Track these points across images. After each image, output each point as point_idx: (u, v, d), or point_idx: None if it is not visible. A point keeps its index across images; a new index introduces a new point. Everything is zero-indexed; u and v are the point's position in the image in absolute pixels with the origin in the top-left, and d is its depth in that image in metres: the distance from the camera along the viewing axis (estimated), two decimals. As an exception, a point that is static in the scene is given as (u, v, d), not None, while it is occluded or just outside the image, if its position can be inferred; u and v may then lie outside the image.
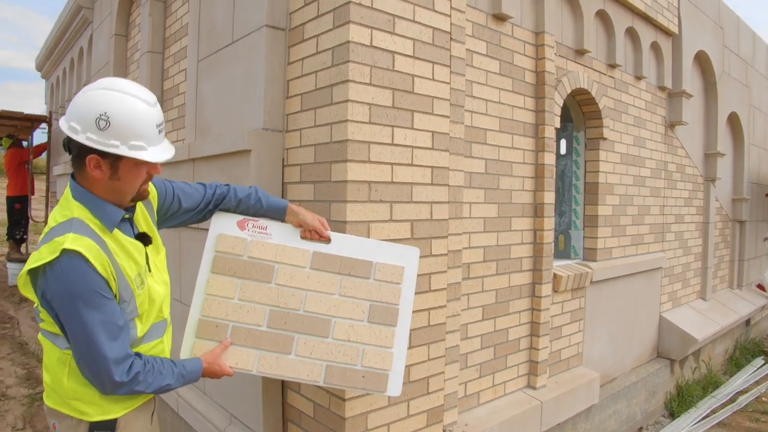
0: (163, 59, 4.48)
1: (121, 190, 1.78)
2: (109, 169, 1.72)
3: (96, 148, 1.66)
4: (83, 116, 1.66)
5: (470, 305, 3.12)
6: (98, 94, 1.69)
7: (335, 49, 2.47)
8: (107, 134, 1.65)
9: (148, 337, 1.90)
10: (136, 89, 1.73)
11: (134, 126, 1.68)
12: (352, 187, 2.41)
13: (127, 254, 1.80)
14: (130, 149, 1.68)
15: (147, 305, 1.87)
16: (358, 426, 2.47)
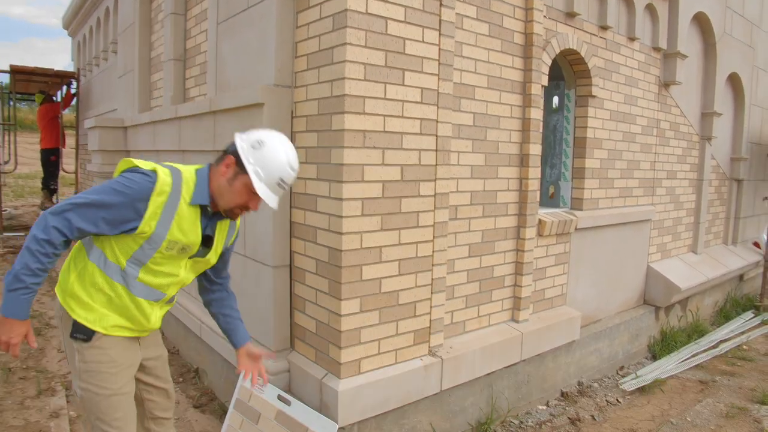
0: (185, 20, 4.85)
1: (224, 196, 2.13)
2: (232, 174, 2.10)
3: (239, 155, 2.09)
4: (252, 135, 2.14)
5: (457, 243, 3.53)
6: (273, 134, 2.17)
7: (335, 16, 2.84)
8: (252, 152, 2.09)
9: (138, 288, 2.14)
10: (292, 153, 2.17)
11: (269, 163, 2.09)
12: (348, 135, 2.81)
13: (187, 225, 2.10)
14: (253, 173, 2.07)
15: (159, 266, 2.13)
16: (353, 339, 2.93)
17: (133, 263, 2.09)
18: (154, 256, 2.09)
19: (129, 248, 2.07)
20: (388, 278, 3.06)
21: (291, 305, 3.35)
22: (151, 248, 2.07)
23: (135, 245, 2.06)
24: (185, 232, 2.10)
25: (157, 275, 2.15)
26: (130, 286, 2.12)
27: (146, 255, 2.08)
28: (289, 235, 3.32)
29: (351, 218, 2.87)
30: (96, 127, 5.98)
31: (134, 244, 2.05)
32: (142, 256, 2.08)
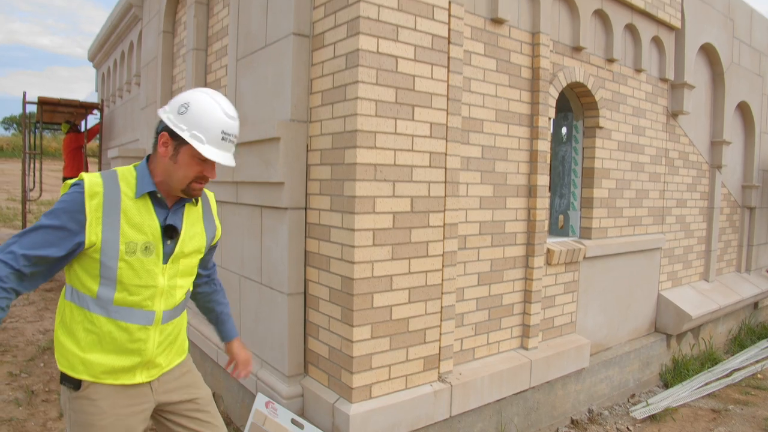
0: (206, 56, 5.06)
1: (174, 175, 1.97)
2: (173, 150, 1.95)
3: (168, 126, 1.93)
4: (175, 102, 1.98)
5: (466, 272, 3.62)
6: (194, 91, 2.01)
7: (348, 55, 2.99)
8: (181, 119, 1.92)
9: (120, 313, 1.97)
10: (223, 100, 2.01)
11: (203, 120, 1.92)
12: (360, 169, 2.94)
13: (137, 220, 1.94)
14: (191, 137, 1.91)
15: (130, 278, 1.95)
16: (364, 364, 3.02)
17: (104, 285, 1.93)
18: (119, 266, 1.92)
19: (92, 270, 1.92)
20: (399, 306, 3.17)
21: (305, 331, 3.46)
22: (110, 259, 1.90)
23: (95, 264, 1.91)
24: (139, 227, 1.94)
25: (133, 291, 1.96)
26: (111, 312, 1.95)
27: (110, 269, 1.91)
28: (304, 264, 3.45)
29: (363, 248, 2.99)
30: (119, 157, 6.19)
31: (94, 263, 1.91)
32: (107, 272, 1.92)
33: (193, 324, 4.83)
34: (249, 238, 3.88)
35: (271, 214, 3.56)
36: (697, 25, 5.80)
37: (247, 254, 3.91)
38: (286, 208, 3.37)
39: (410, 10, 3.12)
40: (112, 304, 1.95)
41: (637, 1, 4.87)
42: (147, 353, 2.02)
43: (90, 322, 1.95)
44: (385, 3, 3.01)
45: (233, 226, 4.10)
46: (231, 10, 4.24)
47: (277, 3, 3.52)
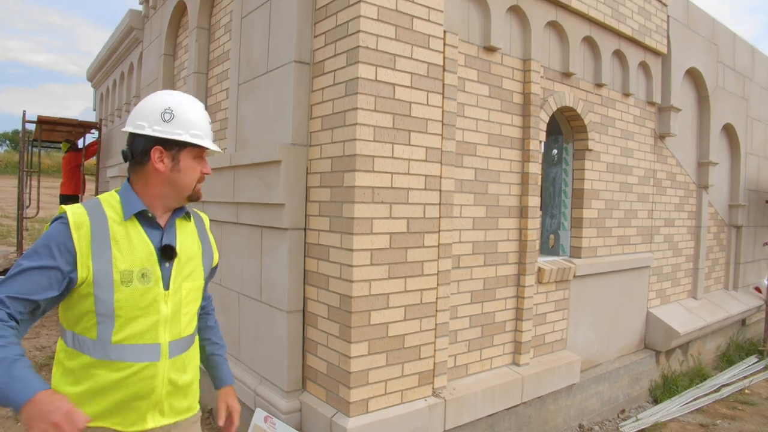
0: (207, 79, 5.20)
1: (181, 184, 1.89)
2: (171, 161, 1.86)
3: (162, 138, 1.83)
4: (149, 114, 1.86)
5: (460, 290, 3.75)
6: (161, 95, 1.92)
7: (348, 83, 3.14)
8: (172, 125, 1.85)
9: (123, 352, 1.79)
10: (190, 96, 1.97)
11: (194, 118, 1.89)
12: (359, 191, 3.08)
13: (129, 245, 1.80)
14: (192, 137, 1.86)
15: (129, 311, 1.79)
16: (361, 379, 3.13)
17: (102, 324, 1.76)
18: (116, 299, 1.75)
19: (87, 308, 1.75)
20: (395, 323, 3.28)
21: (303, 348, 3.56)
22: (105, 291, 1.74)
23: (89, 300, 1.75)
24: (132, 251, 1.80)
25: (134, 325, 1.80)
26: (111, 353, 1.77)
27: (106, 304, 1.75)
28: (303, 283, 3.56)
29: (361, 267, 3.12)
30: (119, 176, 6.30)
31: (87, 299, 1.75)
32: (103, 307, 1.75)
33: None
34: (249, 257, 4.00)
35: (271, 234, 3.68)
36: (682, 50, 6.01)
37: (247, 273, 4.02)
38: (286, 229, 3.49)
39: (407, 39, 3.28)
40: (112, 344, 1.77)
41: (624, 29, 5.06)
42: (156, 393, 1.86)
43: (92, 367, 1.77)
44: (383, 33, 3.17)
45: (233, 245, 4.22)
46: (233, 36, 4.39)
47: (279, 32, 3.67)
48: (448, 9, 3.58)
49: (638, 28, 5.27)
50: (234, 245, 4.22)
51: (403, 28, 3.26)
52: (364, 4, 3.09)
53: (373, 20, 3.12)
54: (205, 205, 4.65)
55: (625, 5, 5.10)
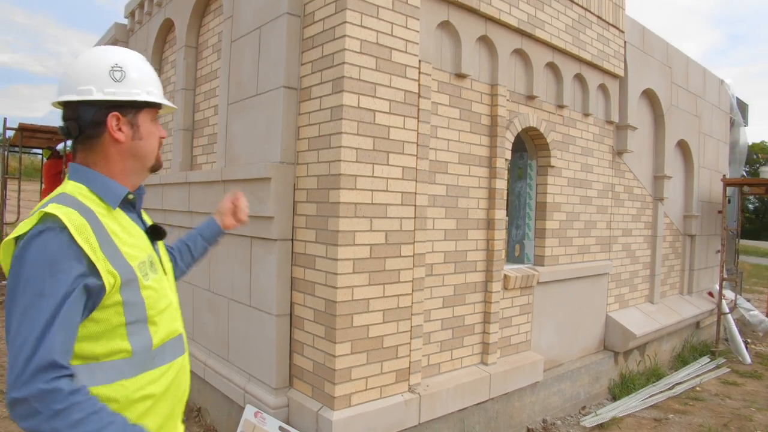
0: (194, 95, 5.50)
1: (144, 152, 1.66)
2: (131, 128, 1.61)
3: (118, 101, 1.57)
4: (93, 74, 1.57)
5: (432, 296, 4.12)
6: (100, 51, 1.64)
7: (333, 109, 3.49)
8: (126, 84, 1.59)
9: (164, 354, 1.62)
10: (130, 50, 1.70)
11: (147, 73, 1.66)
12: (343, 207, 3.42)
13: (128, 236, 1.58)
14: (149, 95, 1.62)
15: (157, 306, 1.60)
16: (345, 376, 3.48)
17: (135, 333, 1.52)
18: (145, 297, 1.55)
19: (114, 321, 1.49)
20: (375, 325, 3.63)
21: (291, 348, 3.89)
22: (133, 293, 1.52)
23: (117, 309, 1.49)
24: (133, 240, 1.59)
25: (163, 320, 1.62)
26: (155, 360, 1.59)
27: (137, 306, 1.53)
28: (290, 289, 3.89)
29: (344, 275, 3.46)
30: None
31: (114, 309, 1.49)
32: (134, 311, 1.52)
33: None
34: (239, 265, 4.31)
35: (261, 244, 4.01)
36: (638, 73, 6.49)
37: (237, 280, 4.33)
38: (275, 239, 3.82)
39: (386, 69, 3.64)
40: (153, 350, 1.57)
41: (584, 54, 5.51)
42: (187, 390, 1.73)
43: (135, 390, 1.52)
44: (365, 64, 3.53)
45: (224, 254, 4.52)
46: (223, 58, 4.71)
47: (269, 58, 4.01)
48: (423, 40, 3.96)
49: (597, 53, 5.72)
50: (224, 254, 4.52)
51: (382, 59, 3.63)
52: (348, 38, 3.45)
53: (356, 53, 3.48)
54: (194, 215, 4.94)
55: (586, 33, 5.55)
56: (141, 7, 6.80)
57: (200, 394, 4.85)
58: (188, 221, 5.04)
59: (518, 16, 4.70)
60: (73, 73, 1.58)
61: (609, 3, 5.88)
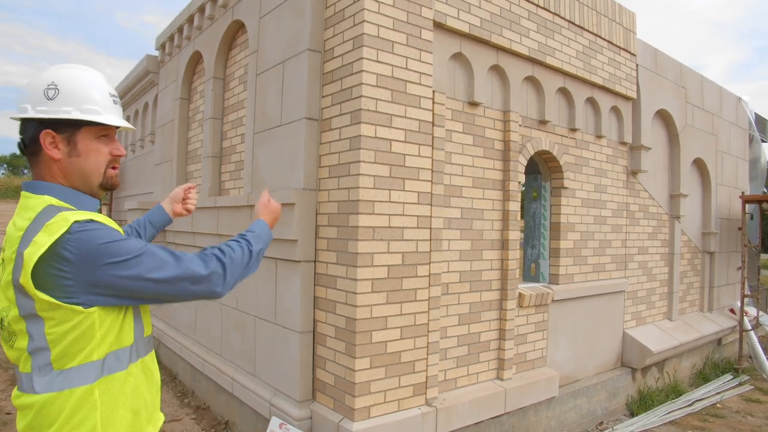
0: (222, 124, 5.81)
1: (85, 170, 1.66)
2: (67, 145, 1.63)
3: (49, 119, 1.60)
4: (31, 93, 1.62)
5: (449, 313, 4.31)
6: (47, 71, 1.68)
7: (352, 139, 3.74)
8: (58, 102, 1.60)
9: (148, 343, 1.78)
10: (86, 67, 1.71)
11: (85, 90, 1.64)
12: (362, 231, 3.66)
13: None
14: (83, 113, 1.62)
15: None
16: (364, 389, 3.68)
17: (137, 320, 1.71)
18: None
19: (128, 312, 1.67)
20: (392, 341, 3.84)
21: (313, 363, 4.11)
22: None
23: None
24: None
25: (146, 312, 1.80)
26: (147, 347, 1.77)
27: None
28: (313, 307, 4.12)
29: (363, 294, 3.69)
30: (137, 209, 6.87)
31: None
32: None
33: (207, 359, 5.46)
34: (265, 285, 4.56)
35: (285, 265, 4.25)
36: (651, 94, 6.65)
37: (263, 299, 4.58)
38: (299, 261, 4.07)
39: (401, 101, 3.89)
40: (145, 337, 1.74)
41: (596, 79, 5.71)
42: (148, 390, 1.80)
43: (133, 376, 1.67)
44: (381, 97, 3.78)
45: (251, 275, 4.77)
46: (248, 90, 5.01)
47: (291, 91, 4.29)
48: (436, 71, 4.21)
49: (608, 77, 5.91)
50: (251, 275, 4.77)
51: (398, 91, 3.88)
52: (365, 73, 3.71)
53: (372, 86, 3.74)
54: (223, 238, 5.22)
55: (597, 58, 5.75)
56: (171, 40, 7.18)
57: (228, 407, 5.09)
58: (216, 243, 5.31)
59: (529, 45, 4.92)
60: (19, 93, 1.66)
61: (619, 28, 6.08)
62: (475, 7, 4.45)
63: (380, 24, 3.79)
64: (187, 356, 6.07)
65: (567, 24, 5.36)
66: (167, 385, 6.53)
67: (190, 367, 6.08)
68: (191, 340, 6.15)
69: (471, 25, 4.42)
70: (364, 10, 3.72)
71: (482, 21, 4.50)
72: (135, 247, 1.55)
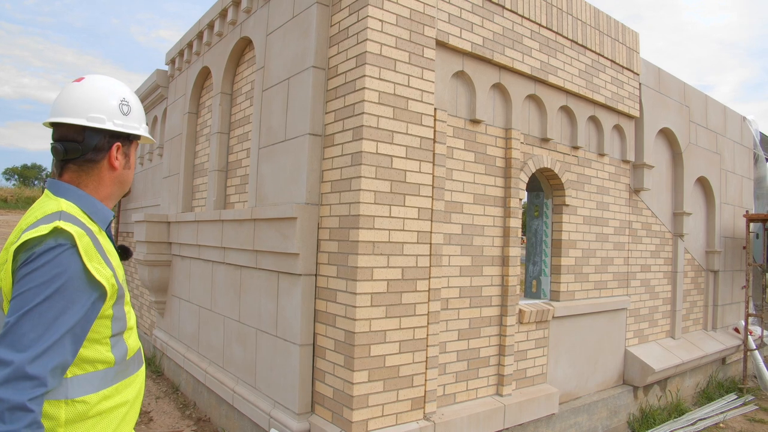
0: (228, 138, 5.90)
1: (128, 180, 1.82)
2: (124, 158, 1.78)
3: (123, 132, 1.74)
4: (104, 105, 1.71)
5: (448, 328, 4.34)
6: (108, 83, 1.78)
7: (353, 155, 3.81)
8: (130, 118, 1.76)
9: (134, 362, 1.75)
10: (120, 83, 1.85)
11: (141, 110, 1.84)
12: (362, 245, 3.71)
13: (113, 254, 1.70)
14: (145, 131, 1.82)
15: (132, 318, 1.76)
16: (362, 403, 3.71)
17: (117, 344, 1.66)
18: (125, 311, 1.70)
19: (103, 336, 1.61)
20: (391, 355, 3.87)
21: (313, 376, 4.15)
22: (120, 307, 1.66)
23: (106, 324, 1.61)
24: (116, 260, 1.72)
25: (132, 332, 1.76)
26: (129, 369, 1.72)
27: (122, 321, 1.67)
28: (313, 320, 4.17)
29: (363, 308, 3.73)
30: (144, 221, 6.95)
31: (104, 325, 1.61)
32: (120, 325, 1.66)
33: (208, 370, 5.50)
34: (266, 298, 4.61)
35: (287, 278, 4.31)
36: (654, 113, 6.70)
37: (264, 311, 4.63)
38: (300, 275, 4.12)
39: (403, 118, 3.96)
40: (127, 359, 1.71)
41: (598, 97, 5.76)
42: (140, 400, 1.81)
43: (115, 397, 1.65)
44: (383, 114, 3.85)
45: (252, 287, 4.84)
46: (254, 106, 5.09)
47: (295, 107, 4.36)
48: (438, 89, 4.28)
49: (611, 96, 5.96)
50: (252, 287, 4.84)
51: (399, 108, 3.94)
52: (367, 91, 3.78)
53: (374, 103, 3.81)
54: (226, 250, 5.28)
55: (599, 77, 5.81)
56: (181, 56, 7.31)
57: (228, 419, 5.12)
58: (221, 256, 5.39)
59: (531, 63, 4.99)
60: (81, 99, 1.71)
61: (622, 47, 6.15)
62: (478, 27, 4.53)
63: (383, 42, 3.87)
64: (189, 368, 6.12)
65: (570, 43, 5.43)
66: (169, 397, 6.57)
67: (192, 378, 6.12)
68: (194, 352, 6.20)
69: (473, 44, 4.49)
70: (367, 29, 3.80)
71: (485, 40, 4.58)
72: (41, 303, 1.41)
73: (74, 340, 1.46)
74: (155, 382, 7.18)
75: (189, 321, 6.41)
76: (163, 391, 6.78)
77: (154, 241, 6.96)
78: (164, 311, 7.39)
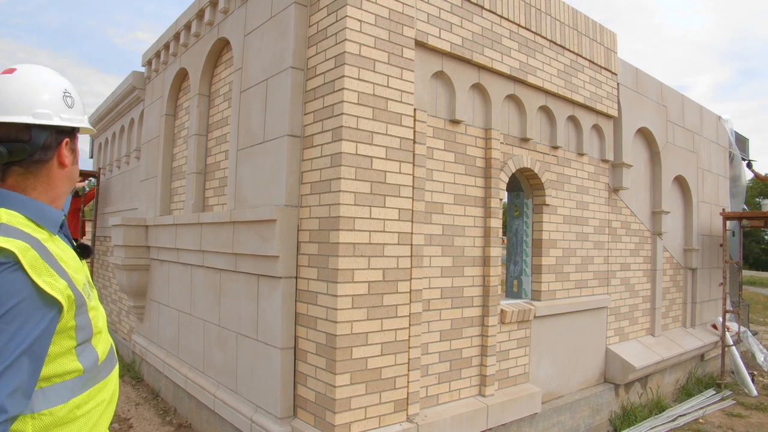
0: (206, 140, 5.83)
1: (75, 176, 1.71)
2: (71, 153, 1.65)
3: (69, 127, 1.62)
4: (48, 98, 1.58)
5: (430, 330, 4.33)
6: (47, 73, 1.65)
7: (333, 156, 3.77)
8: (75, 110, 1.65)
9: (106, 364, 1.66)
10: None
11: (80, 98, 1.71)
12: (342, 247, 3.68)
13: (70, 258, 1.57)
14: (88, 122, 1.69)
15: (100, 321, 1.63)
16: (345, 406, 3.68)
17: (85, 352, 1.55)
18: (91, 318, 1.57)
19: (68, 348, 1.50)
20: (373, 357, 3.85)
21: (294, 380, 4.11)
22: (83, 315, 1.53)
23: (70, 336, 1.50)
24: (74, 263, 1.58)
25: (102, 335, 1.65)
26: (102, 373, 1.64)
27: (87, 329, 1.55)
28: (294, 323, 4.12)
29: (344, 310, 3.70)
30: (122, 225, 6.85)
31: (67, 337, 1.49)
32: (85, 333, 1.55)
33: (189, 375, 5.42)
34: (246, 301, 4.55)
35: (266, 281, 4.26)
36: (632, 113, 6.76)
37: (245, 315, 4.57)
38: (280, 277, 4.08)
39: (382, 118, 3.94)
40: (99, 364, 1.61)
41: (577, 97, 5.79)
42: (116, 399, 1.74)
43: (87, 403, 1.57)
44: (362, 114, 3.82)
45: (232, 290, 4.78)
46: (233, 107, 5.04)
47: (274, 108, 4.32)
48: (417, 90, 4.26)
49: (590, 95, 6.00)
50: (232, 290, 4.78)
51: (379, 109, 3.92)
52: (346, 91, 3.76)
53: (354, 104, 3.78)
54: (205, 254, 5.22)
55: (578, 77, 5.84)
56: (158, 57, 7.21)
57: (209, 424, 5.05)
58: (200, 260, 5.32)
59: (510, 63, 5.00)
60: (22, 94, 1.55)
61: (600, 47, 6.19)
62: (457, 27, 4.53)
63: (362, 42, 3.84)
64: (169, 373, 6.03)
65: (548, 43, 5.45)
66: (149, 403, 6.47)
67: (173, 384, 6.04)
68: (174, 357, 6.11)
69: (453, 44, 4.49)
70: (346, 29, 3.77)
71: (464, 40, 4.58)
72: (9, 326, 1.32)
73: (33, 359, 1.36)
74: (135, 388, 7.07)
75: (168, 326, 6.32)
76: (143, 397, 6.68)
77: (132, 245, 6.86)
78: (143, 316, 7.29)
